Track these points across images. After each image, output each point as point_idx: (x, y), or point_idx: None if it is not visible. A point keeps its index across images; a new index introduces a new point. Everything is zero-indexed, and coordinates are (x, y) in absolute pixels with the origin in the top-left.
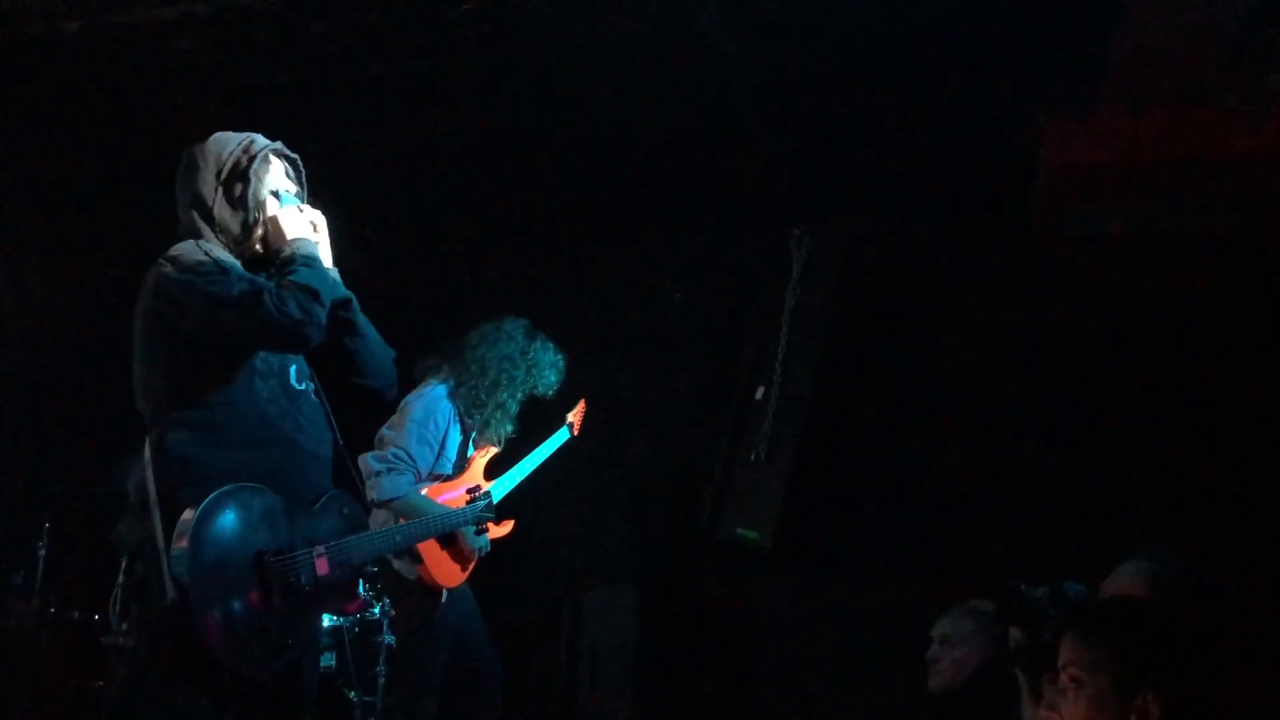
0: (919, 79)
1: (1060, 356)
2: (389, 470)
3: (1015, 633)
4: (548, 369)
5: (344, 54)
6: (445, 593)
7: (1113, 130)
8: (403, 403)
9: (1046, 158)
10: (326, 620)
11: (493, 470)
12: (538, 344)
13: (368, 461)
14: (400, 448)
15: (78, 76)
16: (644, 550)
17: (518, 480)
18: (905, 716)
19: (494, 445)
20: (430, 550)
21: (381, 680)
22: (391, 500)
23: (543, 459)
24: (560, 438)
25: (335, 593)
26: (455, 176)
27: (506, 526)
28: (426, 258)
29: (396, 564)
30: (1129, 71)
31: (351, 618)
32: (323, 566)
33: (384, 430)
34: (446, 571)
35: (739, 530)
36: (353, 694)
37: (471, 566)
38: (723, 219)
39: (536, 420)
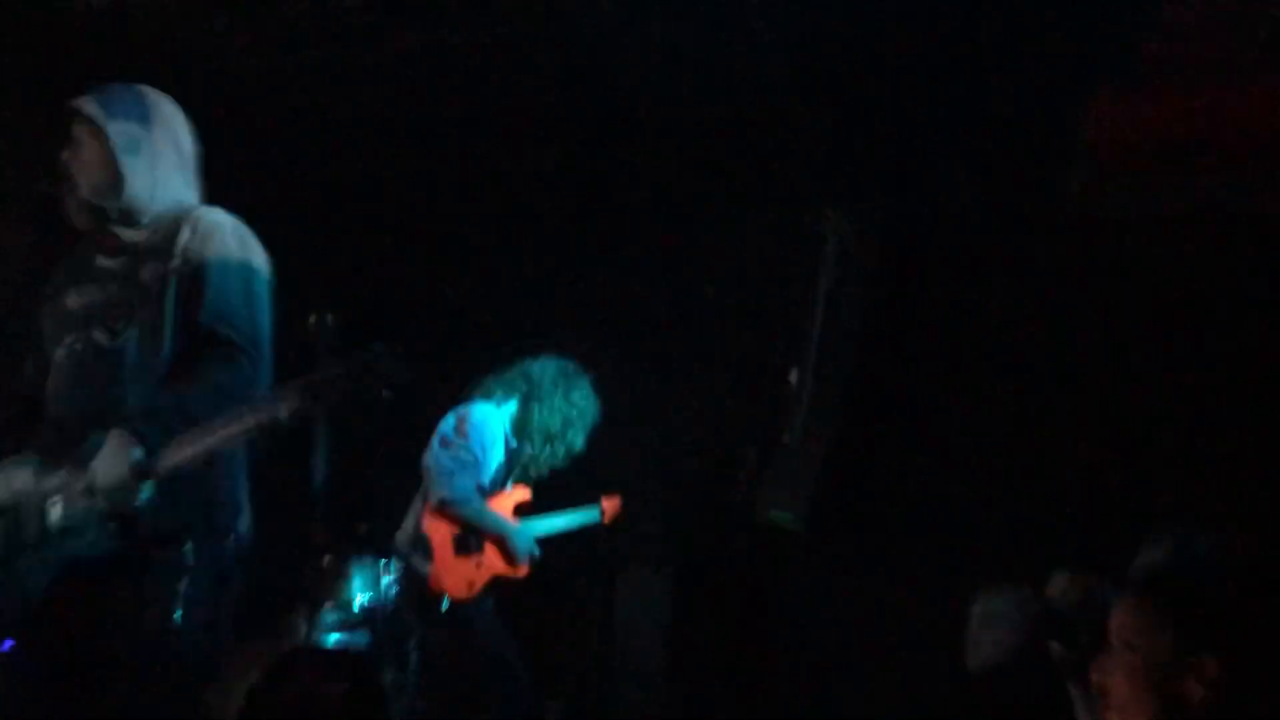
0: (958, 54)
1: (1102, 339)
2: (461, 469)
3: (1054, 646)
4: (591, 404)
5: (373, 27)
6: (445, 601)
7: (1158, 107)
8: (461, 410)
9: (1089, 136)
10: (359, 598)
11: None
12: (585, 382)
13: (438, 459)
14: (469, 450)
15: (108, 54)
16: (678, 533)
17: (536, 535)
18: (943, 697)
19: (531, 480)
20: (444, 553)
21: (413, 659)
22: (466, 501)
23: (563, 529)
24: (589, 517)
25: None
26: (480, 161)
27: (522, 570)
28: (451, 245)
29: (415, 562)
30: (1174, 47)
31: (384, 596)
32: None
33: (445, 433)
34: (455, 580)
35: (773, 513)
36: (389, 675)
37: (480, 586)
38: (756, 200)
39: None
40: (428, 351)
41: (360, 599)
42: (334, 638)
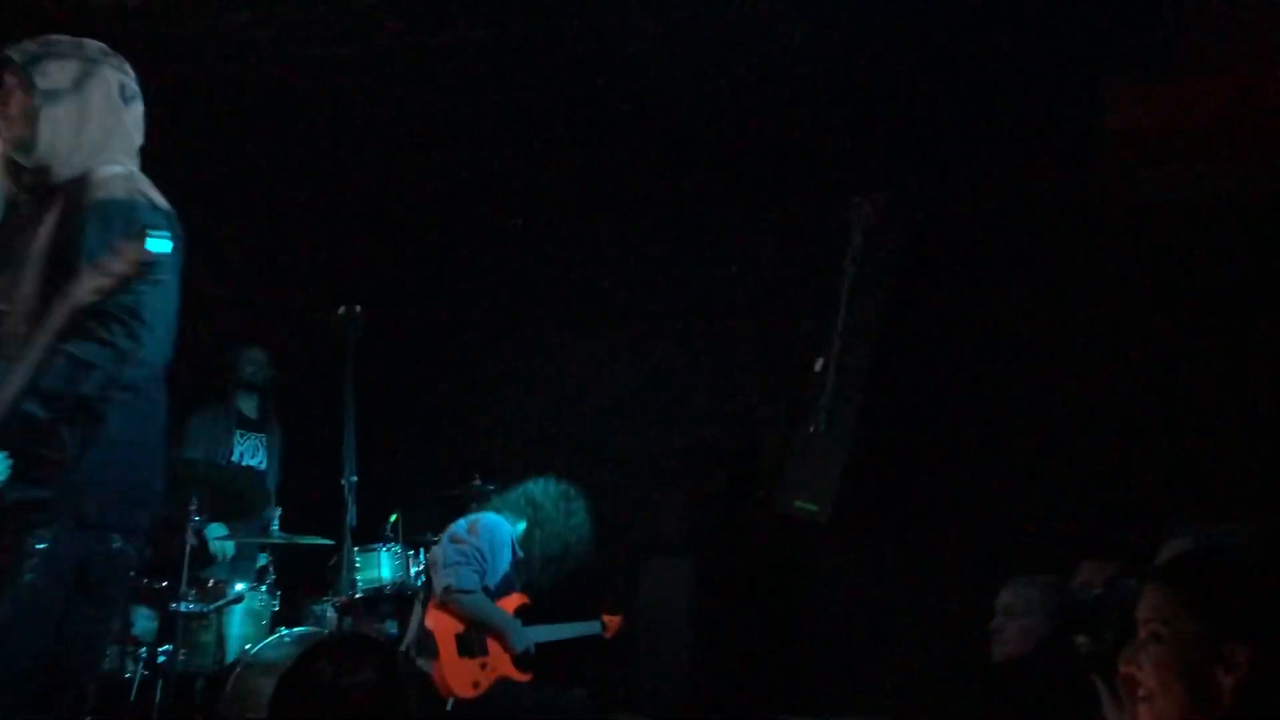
0: (982, 40)
1: (1126, 325)
2: (466, 563)
3: (1080, 639)
4: (588, 529)
5: (401, 25)
6: (450, 703)
7: (1182, 93)
8: (472, 517)
9: (1114, 122)
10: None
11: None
12: (584, 506)
13: (446, 552)
14: (477, 548)
15: (137, 48)
16: (702, 522)
17: (538, 640)
18: (968, 688)
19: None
20: (449, 651)
21: None
22: (470, 593)
23: (563, 638)
24: (589, 629)
25: None
26: (507, 147)
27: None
28: (480, 230)
29: (420, 661)
30: (1199, 33)
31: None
32: None
33: (456, 530)
34: (459, 679)
35: (797, 503)
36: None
37: (485, 687)
38: (781, 188)
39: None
40: (455, 334)
41: (389, 587)
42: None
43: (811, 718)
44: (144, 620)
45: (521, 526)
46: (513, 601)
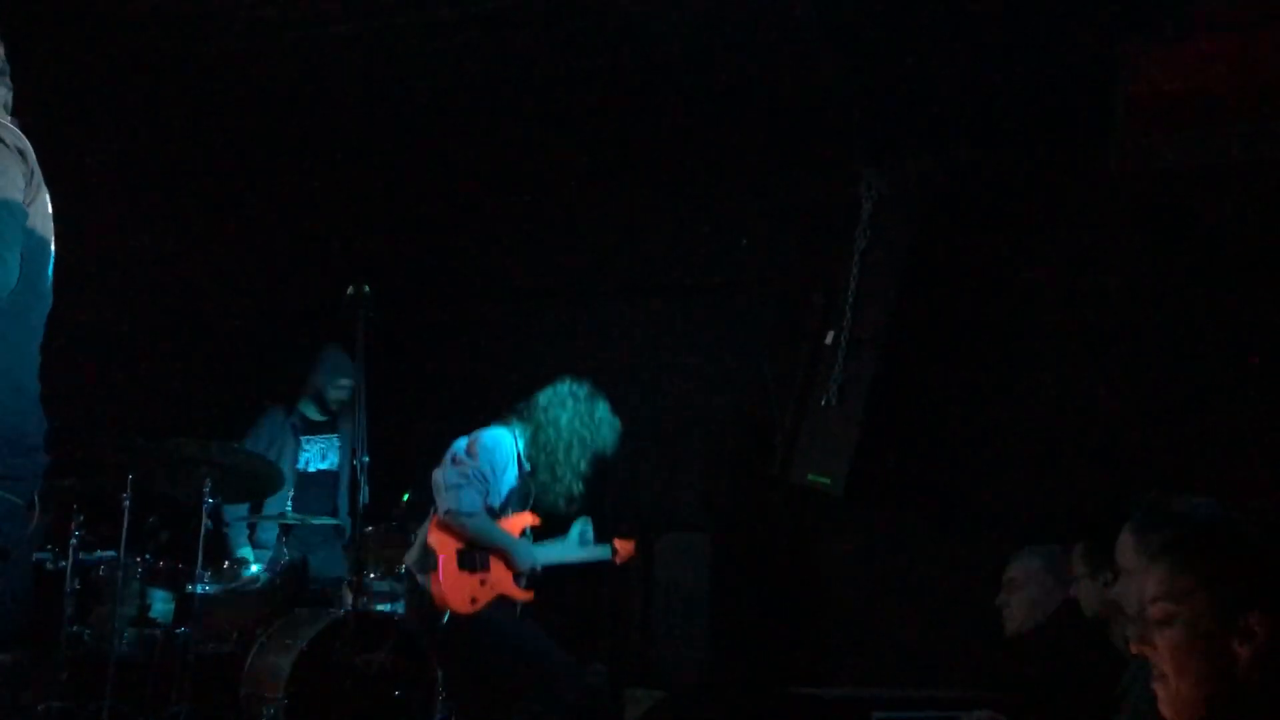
0: (995, 10)
1: (1141, 294)
2: (467, 485)
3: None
4: (608, 428)
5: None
6: (447, 615)
7: (1198, 57)
8: (473, 434)
9: (1128, 87)
10: (402, 568)
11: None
12: (599, 405)
13: (446, 475)
14: (477, 470)
15: (141, 29)
16: (716, 496)
17: (545, 562)
18: (980, 661)
19: (548, 508)
20: (449, 568)
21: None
22: (472, 514)
23: (571, 559)
24: (601, 554)
25: None
26: (516, 119)
27: (528, 594)
28: (491, 201)
29: (420, 577)
30: None
31: None
32: None
33: (456, 452)
34: (458, 595)
35: (810, 475)
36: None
37: (483, 603)
38: (791, 160)
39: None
40: (460, 312)
41: (403, 569)
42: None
43: (827, 689)
44: (161, 603)
45: (527, 429)
46: (522, 520)
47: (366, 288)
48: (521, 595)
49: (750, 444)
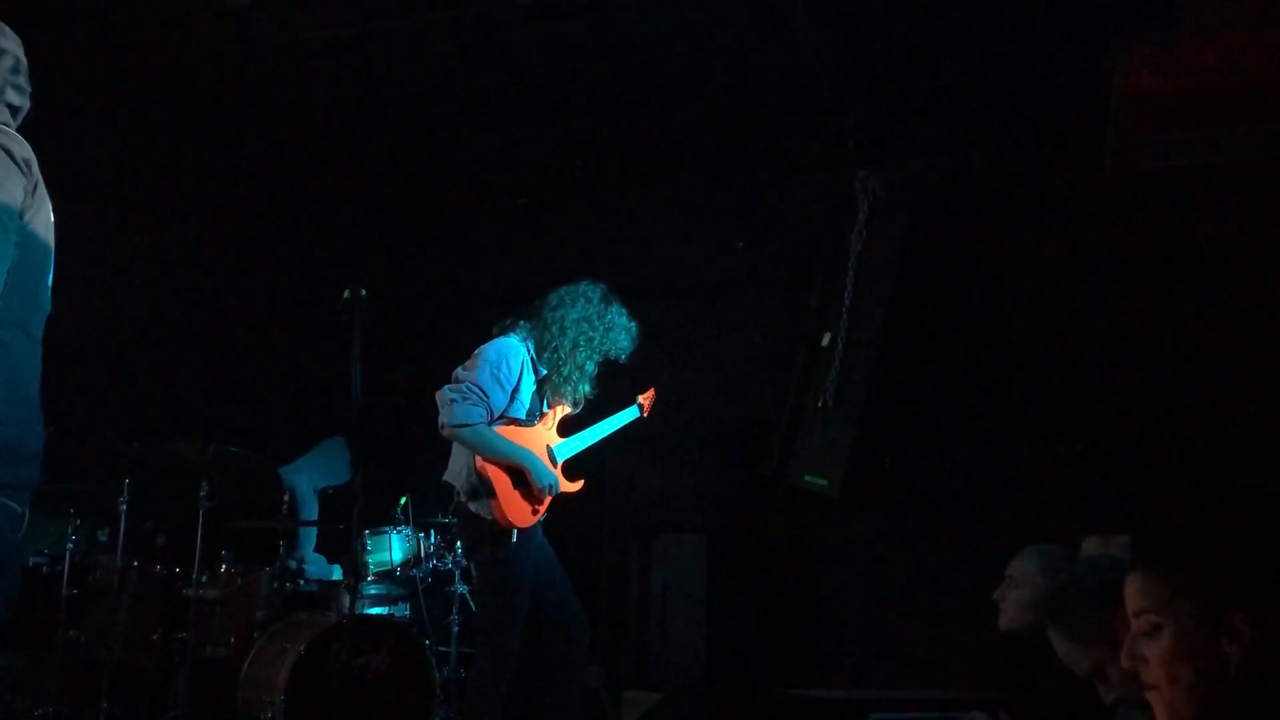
0: (990, 11)
1: (1136, 295)
2: (462, 399)
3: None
4: (621, 332)
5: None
6: (516, 533)
7: (1192, 58)
8: (478, 349)
9: (1122, 87)
10: (400, 570)
11: (562, 431)
12: (614, 308)
13: (442, 391)
14: (474, 382)
15: (140, 31)
16: (713, 497)
17: (583, 446)
18: (975, 660)
19: (569, 406)
20: (504, 488)
21: (455, 630)
22: (462, 426)
23: (610, 432)
24: (629, 415)
25: None
26: (514, 121)
27: (576, 484)
28: (486, 205)
29: (473, 505)
30: None
31: (424, 568)
32: None
33: (458, 369)
34: (519, 512)
35: (807, 476)
36: (428, 643)
37: (543, 509)
38: (787, 162)
39: (608, 396)
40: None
41: (402, 571)
42: (377, 610)
43: (824, 690)
44: (156, 605)
45: (528, 338)
46: (553, 418)
47: (363, 291)
48: (571, 487)
49: (747, 445)
